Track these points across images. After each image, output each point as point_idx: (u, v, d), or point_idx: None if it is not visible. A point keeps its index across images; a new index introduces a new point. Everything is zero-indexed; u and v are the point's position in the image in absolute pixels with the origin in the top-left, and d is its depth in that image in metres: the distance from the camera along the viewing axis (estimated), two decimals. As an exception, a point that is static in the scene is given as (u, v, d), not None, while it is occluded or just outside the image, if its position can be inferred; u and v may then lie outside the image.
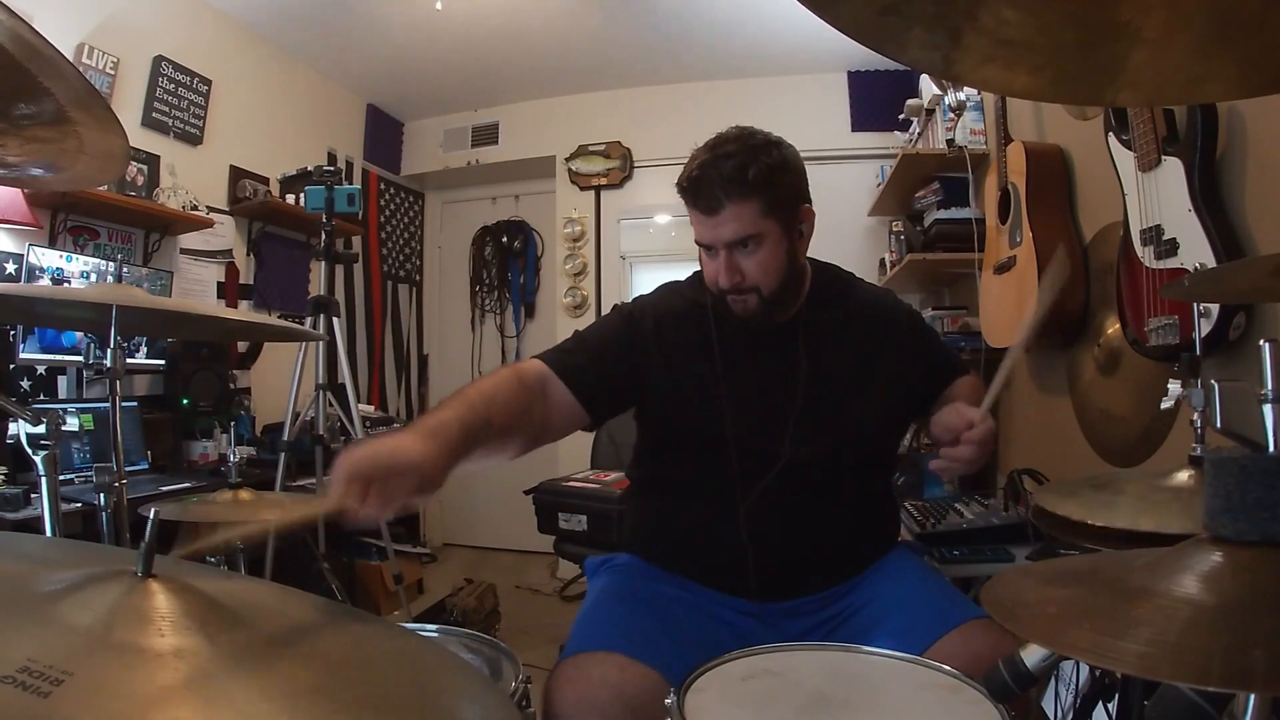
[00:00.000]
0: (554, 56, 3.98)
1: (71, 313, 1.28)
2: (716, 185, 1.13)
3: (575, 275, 4.43)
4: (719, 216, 1.14)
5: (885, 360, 1.27)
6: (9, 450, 2.04)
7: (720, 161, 1.13)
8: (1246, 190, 1.46)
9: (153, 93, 3.02)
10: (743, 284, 1.17)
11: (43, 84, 0.70)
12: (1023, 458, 2.55)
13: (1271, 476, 0.51)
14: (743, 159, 1.12)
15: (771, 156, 1.15)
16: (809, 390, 1.22)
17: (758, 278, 1.17)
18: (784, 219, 1.17)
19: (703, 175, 1.14)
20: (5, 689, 0.39)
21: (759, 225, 1.15)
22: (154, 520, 0.54)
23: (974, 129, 2.92)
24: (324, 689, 0.51)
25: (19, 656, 0.41)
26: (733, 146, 1.14)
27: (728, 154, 1.13)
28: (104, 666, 0.44)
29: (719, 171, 1.12)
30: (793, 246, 1.20)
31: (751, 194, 1.13)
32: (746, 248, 1.16)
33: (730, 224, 1.14)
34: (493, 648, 1.04)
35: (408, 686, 0.57)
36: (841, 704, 0.81)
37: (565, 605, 3.66)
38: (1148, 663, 0.44)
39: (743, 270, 1.17)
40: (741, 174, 1.12)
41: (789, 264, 1.19)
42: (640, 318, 1.28)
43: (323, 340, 2.81)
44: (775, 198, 1.15)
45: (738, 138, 1.16)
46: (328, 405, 2.80)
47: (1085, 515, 0.95)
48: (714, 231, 1.16)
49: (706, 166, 1.14)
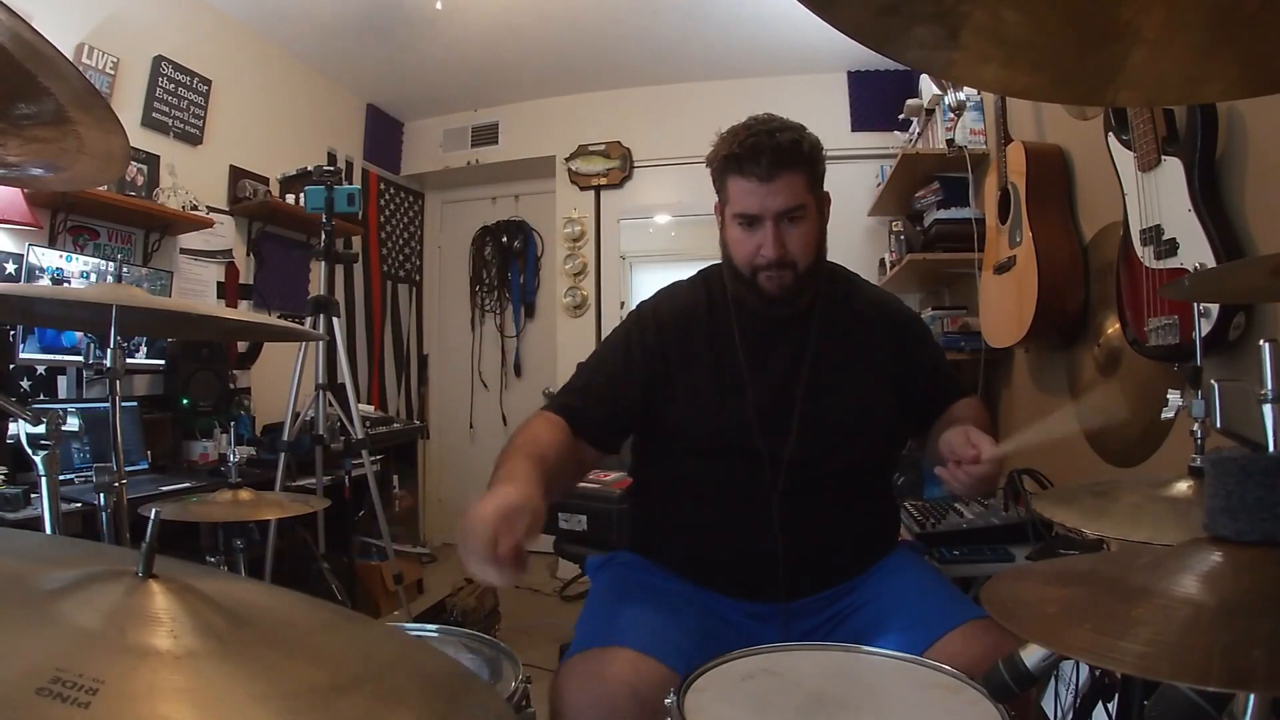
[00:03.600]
0: (554, 56, 3.98)
1: (71, 313, 1.28)
2: (774, 154, 1.15)
3: (575, 275, 4.43)
4: (774, 184, 1.16)
5: (887, 360, 1.28)
6: (9, 450, 2.04)
7: (776, 133, 1.16)
8: (1246, 190, 1.46)
9: (153, 93, 3.02)
10: (785, 257, 1.19)
11: (43, 84, 0.70)
12: (1023, 457, 2.55)
13: (1271, 476, 0.51)
14: (796, 133, 1.18)
15: (811, 137, 1.21)
16: (812, 382, 1.23)
17: (798, 251, 1.20)
18: (819, 198, 1.23)
19: (758, 144, 1.16)
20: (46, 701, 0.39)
21: (805, 198, 1.19)
22: (155, 520, 0.54)
23: (974, 129, 2.92)
24: (327, 688, 0.51)
25: (48, 666, 0.41)
26: (779, 124, 1.19)
27: (781, 127, 1.18)
28: (131, 671, 0.44)
29: (775, 141, 1.16)
30: (823, 226, 1.25)
31: (804, 166, 1.18)
32: (794, 219, 1.19)
33: (784, 193, 1.17)
34: (493, 648, 1.04)
35: (407, 686, 0.57)
36: (841, 704, 0.81)
37: (565, 605, 3.66)
38: (1147, 663, 0.44)
39: (785, 243, 1.19)
40: (797, 146, 1.17)
41: (820, 242, 1.24)
42: (644, 329, 1.29)
43: (322, 340, 2.81)
44: (817, 175, 1.21)
45: (775, 119, 1.20)
46: (327, 405, 2.80)
47: (1081, 523, 0.96)
48: (765, 200, 1.17)
49: (761, 136, 1.16)
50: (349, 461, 2.82)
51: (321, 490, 2.77)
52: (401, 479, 4.28)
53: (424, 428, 4.77)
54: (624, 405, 1.26)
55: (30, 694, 0.39)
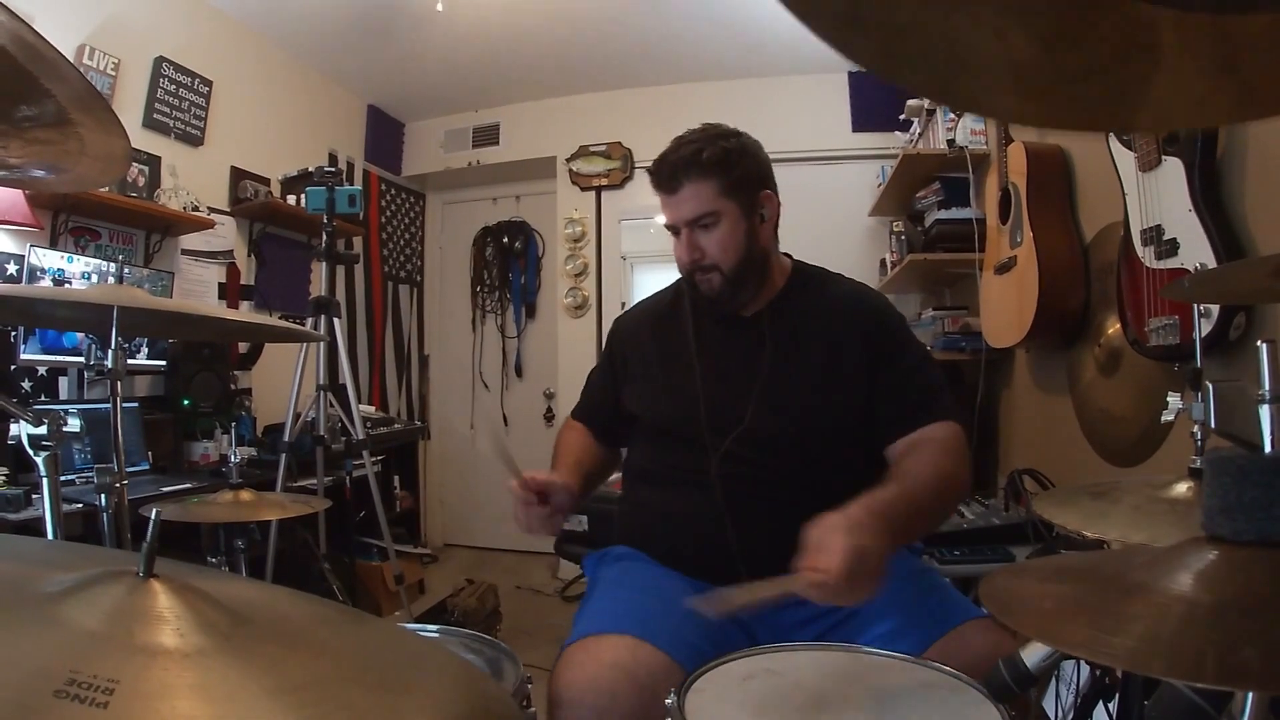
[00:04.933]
0: (554, 57, 3.98)
1: (72, 314, 1.28)
2: (673, 167, 1.24)
3: (576, 276, 4.44)
4: (678, 195, 1.24)
5: (851, 354, 1.24)
6: (10, 451, 2.05)
7: (681, 147, 1.24)
8: (1246, 190, 1.47)
9: (154, 94, 3.02)
10: (703, 260, 1.25)
11: (44, 85, 0.70)
12: (1023, 458, 2.56)
13: (1269, 477, 0.51)
14: (700, 144, 1.23)
15: (729, 142, 1.24)
16: (771, 382, 1.24)
17: (716, 255, 1.25)
18: (742, 201, 1.25)
19: (663, 158, 1.26)
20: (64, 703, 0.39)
21: (716, 204, 1.23)
22: (155, 520, 0.54)
23: (974, 129, 2.92)
24: (335, 680, 0.51)
25: (62, 668, 0.41)
26: (693, 135, 1.26)
27: (688, 141, 1.25)
28: (144, 670, 0.45)
29: (677, 155, 1.24)
30: (752, 228, 1.26)
31: (708, 174, 1.22)
32: (705, 226, 1.24)
33: (689, 202, 1.24)
34: (494, 648, 1.04)
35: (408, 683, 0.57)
36: (841, 704, 0.81)
37: (566, 606, 3.66)
38: (1140, 658, 0.45)
39: (702, 247, 1.25)
40: (697, 156, 1.22)
41: (747, 244, 1.26)
42: (616, 331, 1.47)
43: (323, 341, 2.82)
44: (732, 179, 1.24)
45: (700, 130, 1.27)
46: (328, 406, 2.81)
47: (1081, 525, 0.96)
48: (674, 211, 1.26)
49: (669, 152, 1.26)
50: (350, 462, 2.82)
51: (322, 491, 2.77)
52: (403, 479, 4.28)
53: (425, 428, 4.78)
54: (610, 403, 1.42)
55: (49, 696, 0.39)
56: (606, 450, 1.45)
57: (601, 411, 1.45)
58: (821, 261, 1.40)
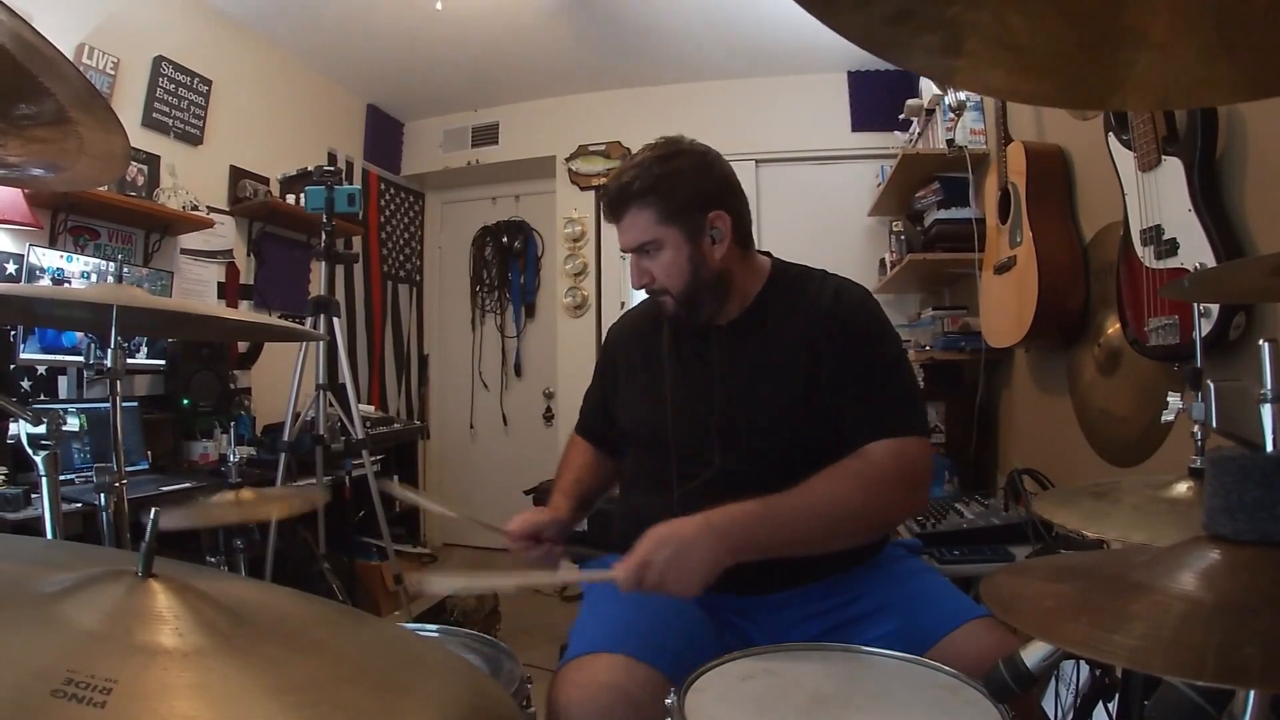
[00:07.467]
0: (554, 57, 3.98)
1: (72, 313, 1.28)
2: (609, 200, 1.26)
3: (576, 275, 4.44)
4: (621, 225, 1.26)
5: (826, 359, 1.20)
6: (9, 450, 2.04)
7: (619, 176, 1.24)
8: (1246, 190, 1.47)
9: (153, 93, 3.02)
10: (652, 284, 1.26)
11: (43, 84, 0.70)
12: (1023, 458, 2.55)
13: (1270, 476, 0.51)
14: (635, 173, 1.22)
15: (666, 167, 1.22)
16: (729, 391, 1.24)
17: (663, 280, 1.25)
18: (685, 225, 1.22)
19: (606, 189, 1.27)
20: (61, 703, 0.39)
21: (655, 232, 1.22)
22: (154, 520, 0.54)
23: (974, 129, 2.92)
24: (333, 680, 0.51)
25: (59, 668, 0.41)
26: (633, 160, 1.25)
27: (627, 168, 1.24)
28: (142, 670, 0.45)
29: (617, 184, 1.24)
30: (698, 251, 1.23)
31: (644, 203, 1.22)
32: (649, 253, 1.24)
33: (630, 231, 1.25)
34: (493, 648, 1.04)
35: (408, 683, 0.57)
36: (841, 704, 0.81)
37: (565, 606, 3.66)
38: (1141, 656, 0.45)
39: (650, 272, 1.25)
40: (628, 188, 1.22)
41: (692, 267, 1.23)
42: (608, 339, 1.50)
43: (323, 340, 2.82)
44: (672, 206, 1.21)
45: (642, 152, 1.26)
46: (328, 405, 2.80)
47: (1081, 525, 0.96)
48: (622, 238, 1.27)
49: (610, 181, 1.27)
50: (349, 462, 2.82)
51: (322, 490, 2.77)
52: (402, 479, 4.28)
53: (424, 428, 4.77)
54: (603, 412, 1.45)
55: (45, 696, 0.39)
56: (609, 461, 1.46)
57: (597, 421, 1.47)
58: (821, 261, 1.36)
